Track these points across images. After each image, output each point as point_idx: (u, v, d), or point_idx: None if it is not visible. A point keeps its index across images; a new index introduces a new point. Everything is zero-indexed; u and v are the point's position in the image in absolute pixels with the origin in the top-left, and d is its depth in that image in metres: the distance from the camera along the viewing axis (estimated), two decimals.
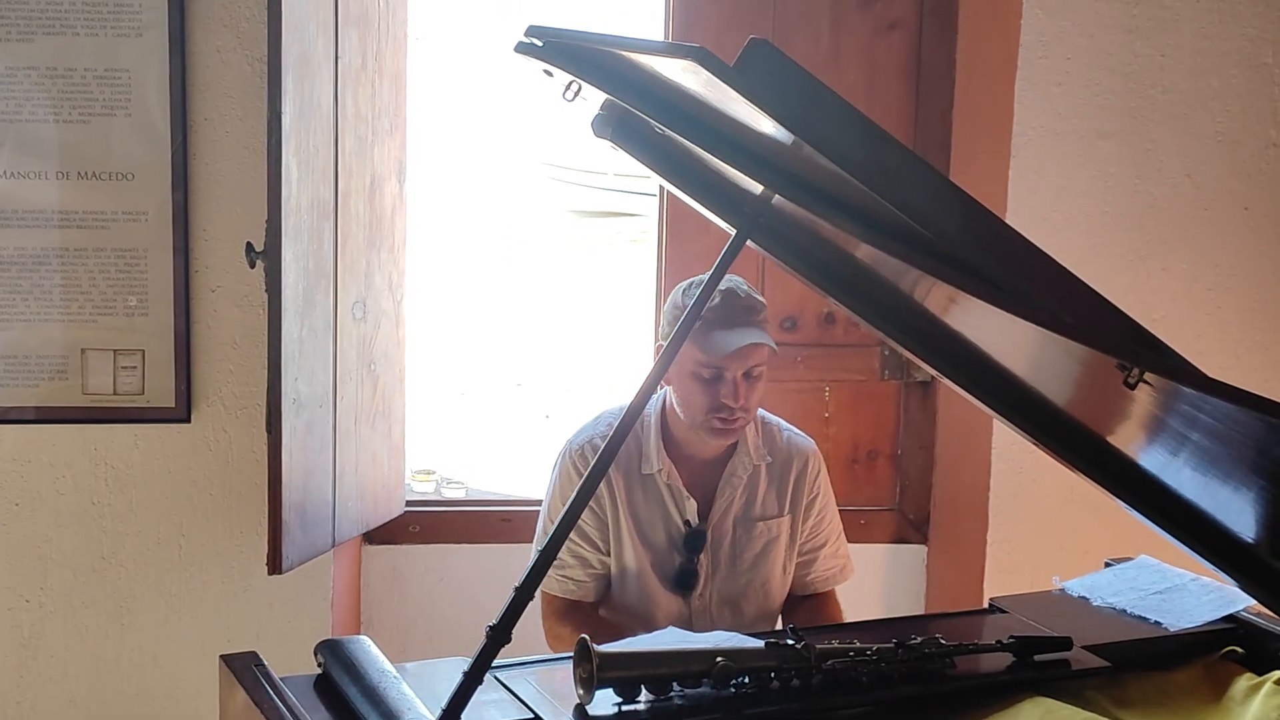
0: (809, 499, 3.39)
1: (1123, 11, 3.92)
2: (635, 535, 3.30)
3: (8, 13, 3.60)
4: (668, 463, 3.30)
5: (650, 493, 3.31)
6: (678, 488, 3.30)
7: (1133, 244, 4.01)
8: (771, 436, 3.39)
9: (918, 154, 2.20)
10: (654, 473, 3.30)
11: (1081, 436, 2.40)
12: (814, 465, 3.42)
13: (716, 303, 3.12)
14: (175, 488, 3.85)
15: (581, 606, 3.35)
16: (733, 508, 3.33)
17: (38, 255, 3.69)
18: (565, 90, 2.40)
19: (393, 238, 3.84)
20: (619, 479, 3.30)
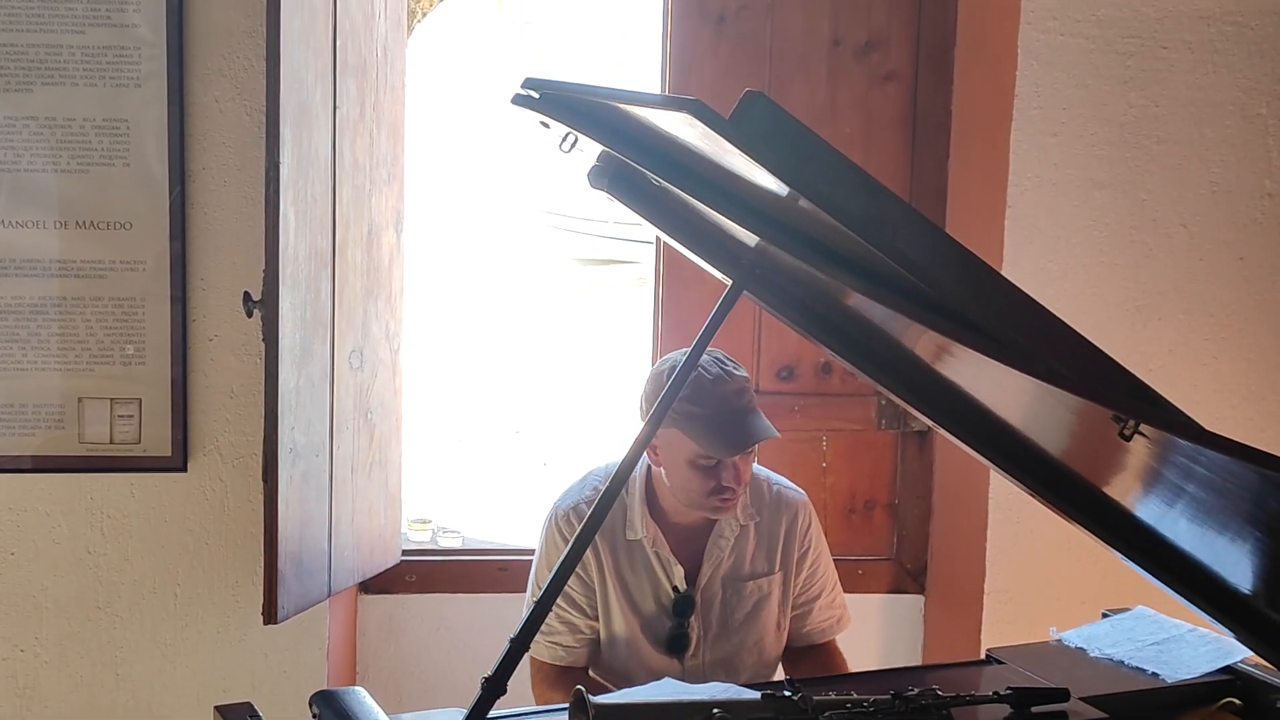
0: (800, 552, 3.36)
1: (1117, 63, 3.94)
2: (623, 601, 3.28)
3: (7, 63, 3.62)
4: (653, 528, 3.28)
5: (637, 559, 3.29)
6: (664, 554, 3.27)
7: (1129, 294, 4.02)
8: (760, 492, 3.36)
9: (913, 205, 2.21)
10: (639, 539, 3.28)
11: (1078, 487, 2.40)
12: (804, 518, 3.38)
13: (708, 391, 3.08)
14: (171, 537, 3.85)
15: (572, 672, 3.31)
16: (720, 569, 3.30)
17: (35, 304, 3.69)
18: (562, 142, 2.41)
19: (390, 287, 3.84)
20: (605, 546, 3.27)
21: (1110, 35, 3.93)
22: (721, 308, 2.45)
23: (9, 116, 3.63)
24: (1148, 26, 3.94)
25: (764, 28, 4.06)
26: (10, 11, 3.60)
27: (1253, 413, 4.08)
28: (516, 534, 5.84)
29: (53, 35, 3.62)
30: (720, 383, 3.10)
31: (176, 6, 3.64)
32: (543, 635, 3.27)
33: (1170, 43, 3.96)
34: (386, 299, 3.82)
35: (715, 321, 2.49)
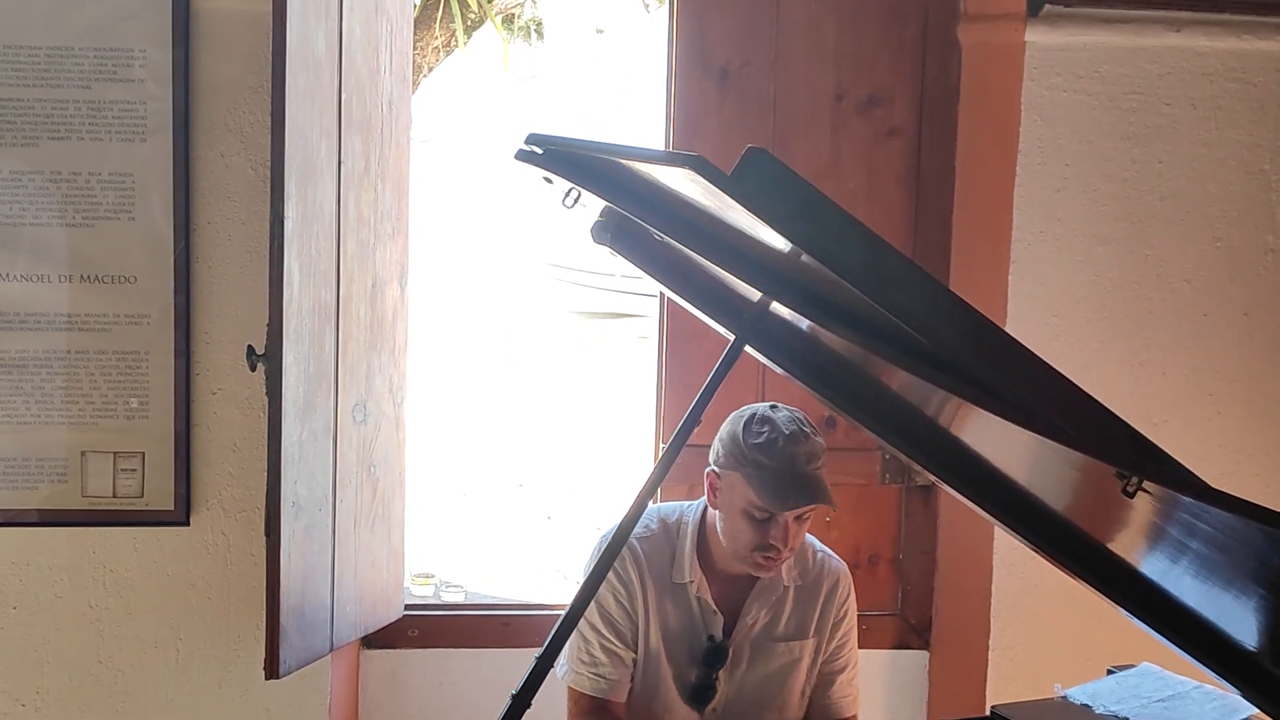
0: (835, 620, 3.40)
1: (1120, 119, 3.95)
2: (660, 642, 3.30)
3: (14, 118, 3.63)
4: (699, 574, 3.30)
5: (679, 602, 3.30)
6: (706, 601, 3.29)
7: (1132, 349, 4.02)
8: (804, 556, 3.39)
9: (916, 260, 2.21)
10: (685, 583, 3.30)
11: (1082, 543, 2.39)
12: (844, 588, 3.42)
13: (780, 447, 3.11)
14: (173, 591, 3.84)
15: (609, 708, 3.32)
16: (756, 626, 3.32)
17: (40, 358, 3.69)
18: (565, 197, 2.42)
19: (394, 340, 3.84)
20: (651, 584, 3.30)
21: (1113, 91, 3.94)
22: (725, 362, 2.46)
23: (15, 171, 3.64)
24: (1150, 83, 3.96)
25: (768, 83, 4.07)
26: (17, 66, 3.62)
27: (1257, 468, 4.08)
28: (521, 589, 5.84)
29: (60, 90, 3.63)
30: (794, 441, 3.12)
31: (183, 62, 3.65)
32: (585, 666, 3.31)
33: (1173, 99, 3.97)
34: (390, 353, 3.82)
35: (719, 375, 2.49)
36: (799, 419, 3.17)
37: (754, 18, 4.05)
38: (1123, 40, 3.92)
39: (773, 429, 3.13)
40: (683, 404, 3.74)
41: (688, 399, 3.08)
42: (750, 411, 3.21)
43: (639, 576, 3.29)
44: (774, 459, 3.11)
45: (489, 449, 10.54)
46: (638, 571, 3.30)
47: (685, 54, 4.05)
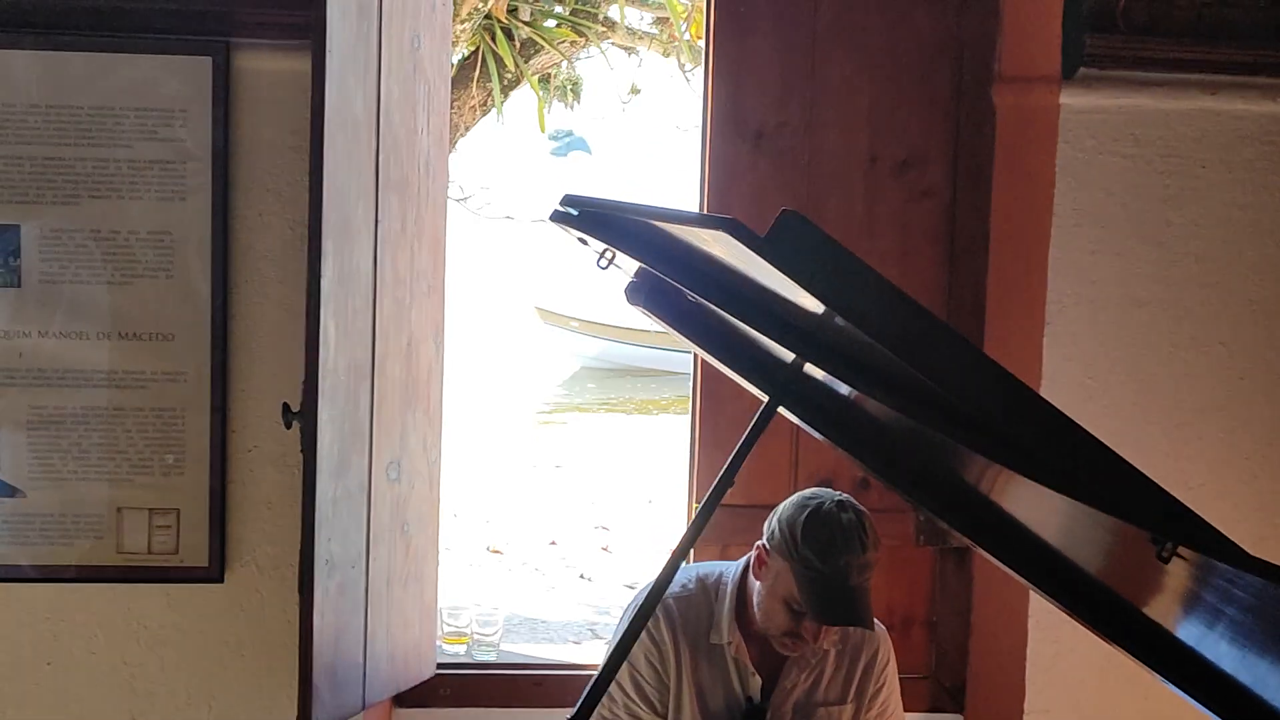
0: (875, 688, 3.38)
1: (1156, 181, 3.95)
2: (695, 704, 3.28)
3: (55, 176, 3.67)
4: (737, 636, 3.28)
5: (716, 664, 3.28)
6: (744, 663, 3.28)
7: (1168, 412, 4.00)
8: None
9: (950, 323, 2.22)
10: (722, 644, 3.28)
11: (1117, 608, 2.38)
12: (884, 654, 3.40)
13: (834, 555, 3.06)
14: (207, 648, 3.84)
15: None
16: (796, 690, 3.31)
17: (77, 414, 3.72)
18: (599, 258, 2.43)
19: (428, 399, 3.86)
20: (686, 646, 3.28)
21: (1149, 154, 3.94)
22: (758, 423, 2.46)
23: (56, 229, 3.68)
24: (1186, 146, 3.95)
25: (802, 145, 4.08)
26: (59, 126, 3.66)
27: None
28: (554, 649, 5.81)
29: (101, 149, 3.67)
30: (853, 552, 3.08)
31: (222, 121, 3.69)
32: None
33: (1209, 162, 3.96)
34: (425, 411, 3.84)
35: (752, 436, 2.49)
36: (862, 528, 3.11)
37: (789, 80, 4.08)
38: (1158, 103, 3.92)
39: (833, 535, 3.07)
40: (716, 464, 3.74)
41: (721, 459, 3.08)
42: (817, 502, 3.14)
43: (673, 638, 3.28)
44: (828, 565, 3.06)
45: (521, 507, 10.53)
46: (671, 632, 3.28)
47: (720, 115, 4.07)
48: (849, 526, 3.09)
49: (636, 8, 9.18)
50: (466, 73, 8.14)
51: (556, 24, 8.36)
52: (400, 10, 3.59)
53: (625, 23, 9.05)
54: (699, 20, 8.60)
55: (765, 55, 4.07)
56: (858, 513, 3.14)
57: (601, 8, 8.60)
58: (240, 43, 3.70)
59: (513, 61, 8.09)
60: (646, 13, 9.32)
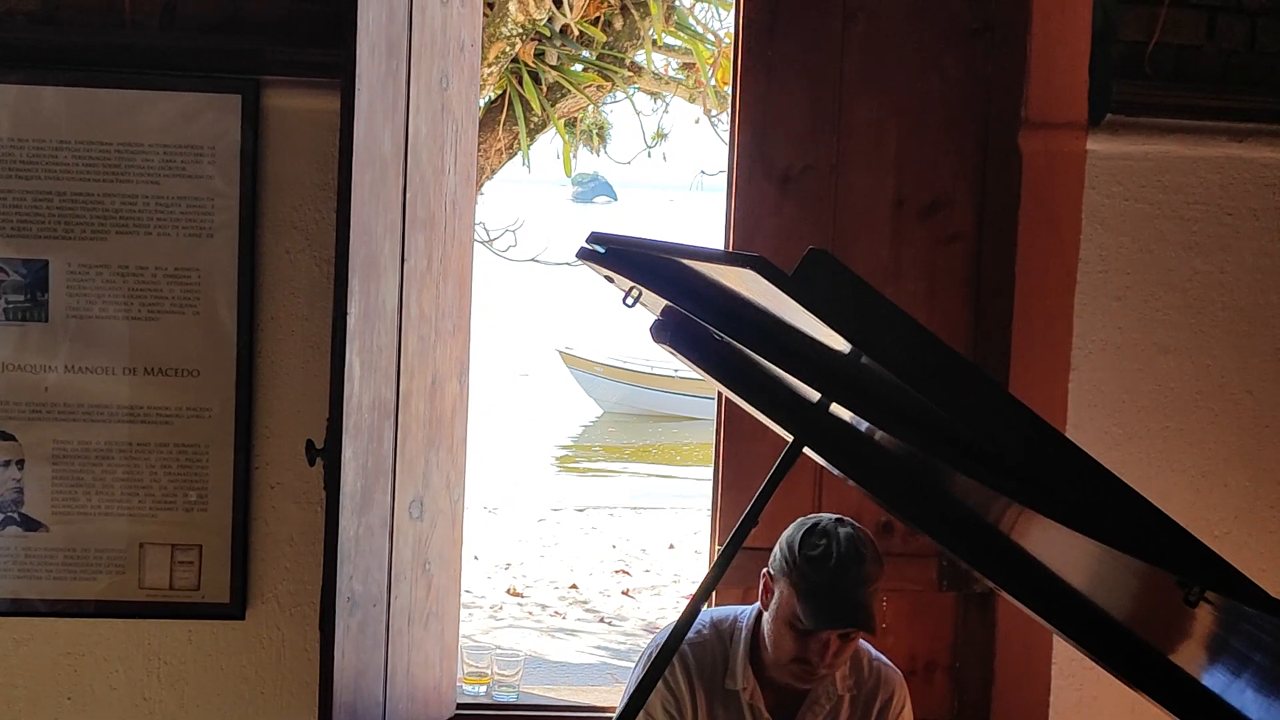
0: None
1: (1182, 228, 3.94)
2: None
3: (83, 212, 3.69)
4: (752, 681, 3.26)
5: (731, 709, 3.26)
6: (759, 708, 3.25)
7: (1194, 459, 3.99)
8: (859, 664, 3.34)
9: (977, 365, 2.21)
10: (738, 690, 3.26)
11: (1142, 653, 2.36)
12: (899, 699, 3.37)
13: (831, 564, 3.07)
14: (227, 685, 3.84)
15: None
16: None
17: (101, 449, 3.73)
18: (625, 296, 2.43)
19: (452, 437, 3.86)
20: (702, 691, 3.26)
21: (1175, 201, 3.94)
22: (782, 464, 2.45)
23: (84, 264, 3.70)
24: (1212, 193, 3.95)
25: (829, 188, 4.09)
26: (89, 161, 3.68)
27: None
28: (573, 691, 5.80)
29: (129, 185, 3.69)
30: (848, 561, 3.08)
31: (251, 159, 3.71)
32: None
33: (1235, 209, 3.96)
34: (448, 449, 3.84)
35: (776, 477, 2.48)
36: (859, 540, 3.12)
37: (816, 122, 4.08)
38: (1185, 150, 3.92)
39: (829, 544, 3.09)
40: (739, 506, 3.73)
41: (744, 501, 3.07)
42: (814, 521, 3.17)
43: (688, 684, 3.26)
44: (823, 575, 3.08)
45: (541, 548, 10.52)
46: (687, 679, 3.27)
47: (747, 156, 4.08)
48: (846, 539, 3.10)
49: (663, 54, 9.22)
50: (493, 116, 8.17)
51: (583, 69, 8.39)
52: (429, 50, 3.61)
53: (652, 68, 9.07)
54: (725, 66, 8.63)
55: (792, 98, 4.08)
56: (856, 529, 3.15)
57: (628, 53, 8.63)
58: (270, 80, 3.73)
59: (539, 105, 8.11)
60: (673, 59, 9.35)
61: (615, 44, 8.44)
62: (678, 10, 8.70)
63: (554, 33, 8.04)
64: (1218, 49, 3.92)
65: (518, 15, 7.44)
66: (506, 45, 7.50)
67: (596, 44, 8.29)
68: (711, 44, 8.88)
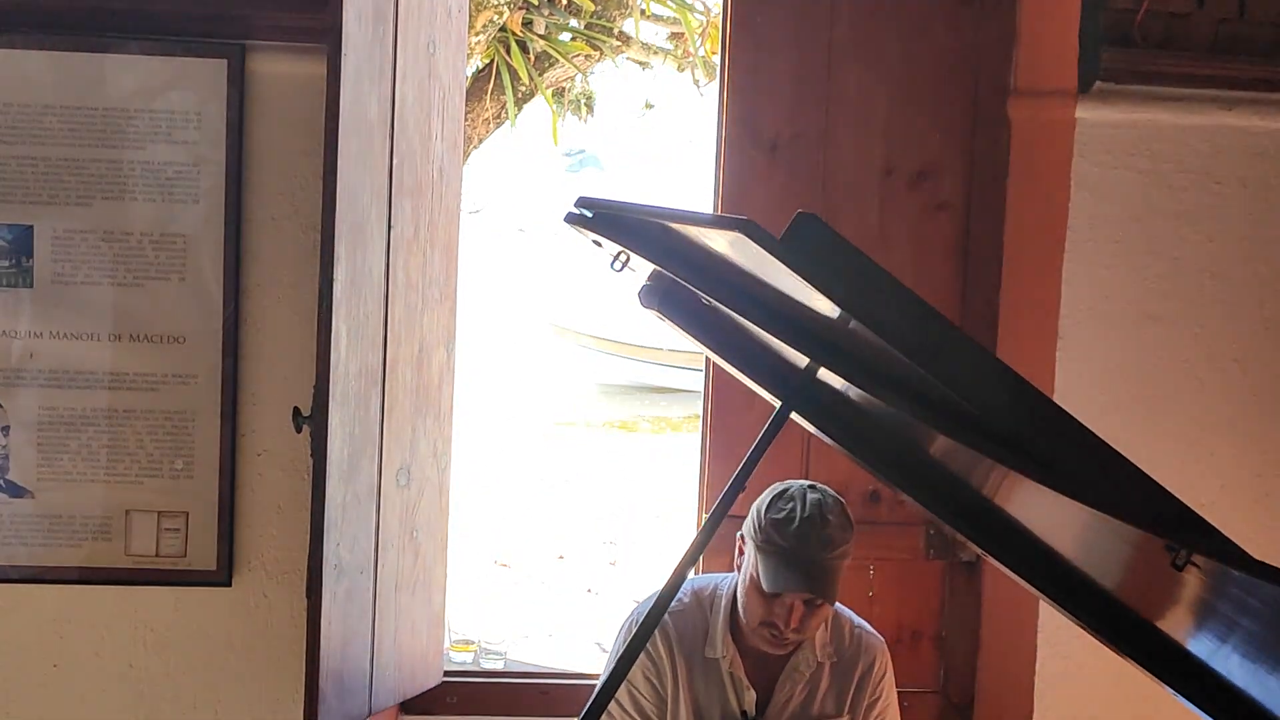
0: (870, 700, 3.36)
1: (1170, 197, 3.94)
2: (692, 718, 3.26)
3: (69, 177, 3.67)
4: (732, 649, 3.27)
5: (711, 677, 3.27)
6: (739, 676, 3.26)
7: (1181, 428, 3.99)
8: (840, 631, 3.35)
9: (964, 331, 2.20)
10: (717, 658, 3.27)
11: (1128, 620, 2.37)
12: (880, 665, 3.38)
13: (794, 528, 3.09)
14: (213, 652, 3.83)
15: None
16: (791, 703, 3.29)
17: (86, 416, 3.72)
18: (613, 260, 2.43)
19: (439, 405, 3.85)
20: (682, 659, 3.27)
21: (1164, 169, 3.94)
22: (770, 429, 2.44)
23: (69, 229, 3.68)
24: (1201, 161, 3.95)
25: (817, 156, 4.07)
26: (73, 126, 3.66)
27: None
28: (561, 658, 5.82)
29: (114, 151, 3.67)
30: (810, 525, 3.10)
31: (236, 125, 3.69)
32: None
33: (1224, 178, 3.96)
34: (435, 417, 3.82)
35: (763, 443, 2.48)
36: (828, 505, 3.14)
37: (804, 91, 4.06)
38: (1174, 118, 3.91)
39: (794, 508, 3.11)
40: (726, 476, 3.72)
41: (731, 471, 3.07)
42: (784, 487, 3.19)
43: (669, 652, 3.27)
44: (785, 538, 3.09)
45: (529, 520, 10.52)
46: (667, 647, 3.27)
47: (735, 125, 4.06)
48: (813, 504, 3.12)
49: (651, 23, 9.19)
50: (480, 85, 8.14)
51: (571, 38, 8.36)
52: (416, 15, 3.59)
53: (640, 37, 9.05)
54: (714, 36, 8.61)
55: (781, 66, 4.06)
56: (826, 495, 3.16)
57: (616, 22, 8.60)
58: (256, 45, 3.70)
59: (527, 74, 8.09)
60: (661, 28, 9.32)
61: (604, 13, 8.41)
62: None
63: (542, 1, 8.01)
64: (1207, 17, 3.90)
65: None
66: (494, 14, 7.46)
67: (585, 13, 8.27)
68: (700, 14, 8.86)
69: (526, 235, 10.90)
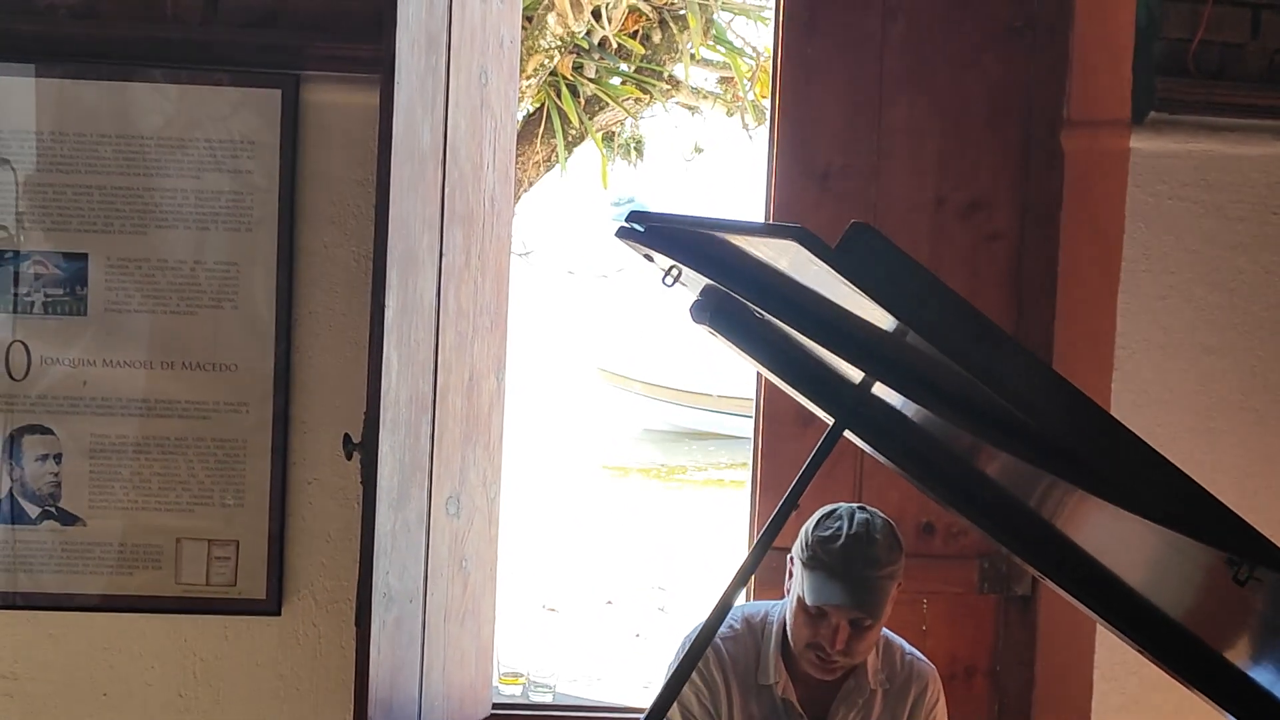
0: None
1: (1226, 227, 3.90)
2: None
3: (123, 206, 3.69)
4: (784, 676, 3.25)
5: (764, 704, 3.25)
6: (792, 704, 3.24)
7: (1238, 461, 3.94)
8: (892, 658, 3.33)
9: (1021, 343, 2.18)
10: (770, 684, 3.25)
11: (1189, 645, 2.33)
12: (932, 693, 3.35)
13: (840, 544, 3.07)
14: (262, 682, 3.82)
15: None
16: None
17: (139, 443, 3.73)
18: (665, 275, 2.42)
19: (489, 434, 3.84)
20: (736, 686, 3.25)
21: (1220, 200, 3.90)
22: (823, 447, 2.42)
23: (123, 258, 3.70)
24: (1257, 192, 3.91)
25: (868, 186, 4.06)
26: (129, 156, 3.68)
27: None
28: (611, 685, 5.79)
29: (169, 180, 3.69)
30: (857, 541, 3.09)
31: (290, 154, 3.71)
32: None
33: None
34: (485, 446, 3.82)
35: (816, 461, 2.46)
36: (873, 524, 3.12)
37: (856, 121, 4.06)
38: (1229, 148, 3.88)
39: (841, 526, 3.10)
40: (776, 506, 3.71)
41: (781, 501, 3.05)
42: (834, 507, 3.18)
43: (723, 678, 3.25)
44: (829, 555, 3.08)
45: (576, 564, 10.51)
46: (721, 673, 3.26)
47: (786, 155, 4.06)
48: (859, 523, 3.11)
49: (701, 67, 9.21)
50: (531, 128, 8.18)
51: (621, 82, 8.39)
52: (469, 45, 3.60)
53: (690, 82, 9.07)
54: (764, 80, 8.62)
55: (832, 96, 4.06)
56: (876, 516, 3.15)
57: (666, 66, 8.63)
58: (310, 75, 3.73)
59: (577, 118, 8.12)
60: (711, 72, 9.35)
61: (653, 57, 8.44)
62: (716, 24, 8.71)
63: (592, 45, 8.05)
64: (1261, 47, 3.87)
65: (556, 28, 7.45)
66: (545, 58, 7.51)
67: (635, 57, 8.30)
68: (750, 58, 8.88)
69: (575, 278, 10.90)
